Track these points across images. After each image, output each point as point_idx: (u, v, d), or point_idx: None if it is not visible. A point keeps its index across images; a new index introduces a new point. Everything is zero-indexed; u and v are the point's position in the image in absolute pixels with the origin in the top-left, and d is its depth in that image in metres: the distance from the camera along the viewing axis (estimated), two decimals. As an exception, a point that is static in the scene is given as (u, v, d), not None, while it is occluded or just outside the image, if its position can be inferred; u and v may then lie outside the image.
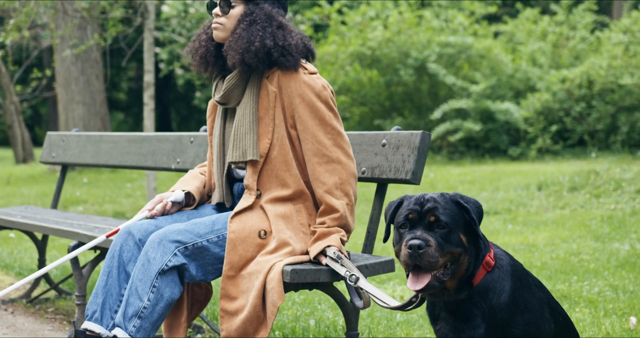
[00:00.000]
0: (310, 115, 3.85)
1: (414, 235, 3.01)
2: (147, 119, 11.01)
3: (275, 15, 3.96)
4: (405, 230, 3.08)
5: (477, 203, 3.14)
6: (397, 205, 3.20)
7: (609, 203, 9.93)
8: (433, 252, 2.98)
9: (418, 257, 2.98)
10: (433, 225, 3.04)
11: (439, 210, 3.04)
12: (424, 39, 18.88)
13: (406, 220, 3.08)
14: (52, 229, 5.26)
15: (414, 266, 3.02)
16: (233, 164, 3.97)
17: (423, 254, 2.97)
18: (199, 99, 35.67)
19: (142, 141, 5.71)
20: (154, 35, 10.90)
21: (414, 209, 3.07)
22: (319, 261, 3.75)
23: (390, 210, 3.23)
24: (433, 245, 2.98)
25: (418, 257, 2.98)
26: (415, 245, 2.97)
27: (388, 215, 3.24)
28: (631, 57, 17.24)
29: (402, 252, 3.03)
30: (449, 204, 3.07)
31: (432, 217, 3.04)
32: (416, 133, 3.99)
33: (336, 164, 3.84)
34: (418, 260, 2.98)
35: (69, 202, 12.35)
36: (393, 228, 3.21)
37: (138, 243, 3.89)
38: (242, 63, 3.88)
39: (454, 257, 3.04)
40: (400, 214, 3.13)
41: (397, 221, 3.15)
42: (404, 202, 3.17)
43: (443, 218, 3.03)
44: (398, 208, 3.18)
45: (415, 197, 3.13)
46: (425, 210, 3.06)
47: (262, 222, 3.83)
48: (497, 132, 18.06)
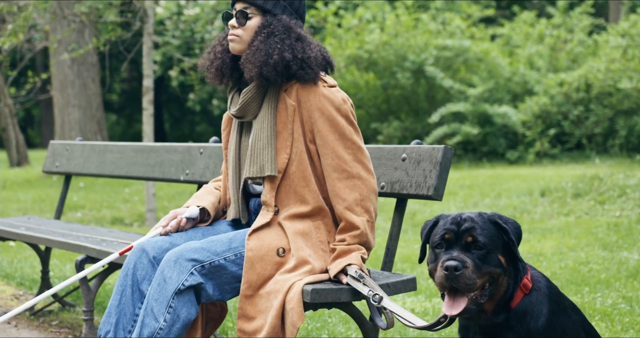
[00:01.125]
0: (330, 130, 3.74)
1: (450, 256, 2.91)
2: (146, 124, 10.89)
3: (294, 26, 3.85)
4: (441, 251, 2.98)
5: (515, 224, 3.05)
6: (432, 224, 3.11)
7: (614, 210, 9.84)
8: (470, 273, 2.88)
9: (454, 279, 2.88)
10: (470, 245, 2.94)
11: (476, 231, 2.95)
12: (421, 42, 18.78)
13: (442, 240, 2.99)
14: (59, 242, 5.15)
15: (450, 288, 2.93)
16: (250, 180, 3.87)
17: (460, 276, 2.87)
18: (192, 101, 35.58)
19: (149, 152, 5.60)
20: (152, 39, 10.78)
21: (450, 229, 2.98)
22: (339, 280, 3.65)
23: (425, 230, 3.14)
24: (470, 266, 2.89)
25: (454, 279, 2.88)
26: (452, 266, 2.88)
27: (423, 234, 3.15)
28: (629, 60, 17.18)
29: (438, 273, 2.93)
30: (487, 224, 2.98)
31: (470, 238, 2.94)
32: (438, 147, 3.89)
33: (356, 179, 3.74)
34: (454, 282, 2.89)
35: (67, 208, 12.22)
36: (428, 247, 3.11)
37: (152, 261, 3.78)
38: (260, 76, 3.77)
39: (492, 278, 2.94)
40: (436, 234, 3.04)
41: (432, 241, 3.05)
42: (439, 221, 3.08)
43: (481, 239, 2.94)
44: (434, 228, 3.09)
45: (452, 217, 3.03)
46: (463, 230, 2.96)
47: (281, 239, 3.72)
48: (494, 136, 17.98)
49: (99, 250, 4.81)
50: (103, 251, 4.77)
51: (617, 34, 18.18)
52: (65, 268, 7.61)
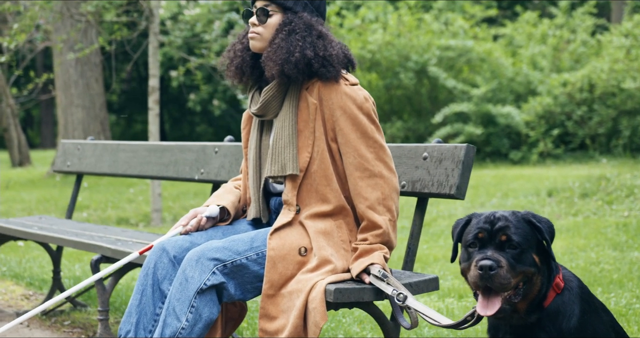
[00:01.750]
0: (352, 128, 3.72)
1: (484, 255, 2.89)
2: (151, 124, 10.87)
3: (315, 24, 3.83)
4: (475, 250, 2.95)
5: (549, 223, 3.02)
6: (464, 223, 3.08)
7: (622, 210, 9.82)
8: (505, 273, 2.85)
9: (489, 279, 2.85)
10: (504, 244, 2.92)
11: (510, 229, 2.92)
12: (424, 42, 18.76)
13: (475, 239, 2.96)
14: (74, 242, 5.12)
15: (484, 288, 2.90)
16: (271, 179, 3.84)
17: (494, 276, 2.85)
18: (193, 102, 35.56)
19: (162, 151, 5.58)
20: (158, 39, 10.75)
21: (484, 228, 2.95)
22: (362, 279, 3.63)
23: (457, 228, 3.11)
24: (505, 265, 2.86)
25: (489, 279, 2.85)
26: (487, 266, 2.85)
27: (455, 233, 3.12)
28: (633, 60, 17.16)
29: (472, 272, 2.91)
30: (521, 223, 2.95)
31: (504, 236, 2.92)
32: (460, 146, 3.86)
33: (378, 178, 3.71)
34: (489, 282, 2.86)
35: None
36: (460, 246, 3.09)
37: (173, 260, 3.76)
38: (281, 74, 3.74)
39: (526, 278, 2.92)
40: (468, 232, 3.01)
41: (465, 239, 3.02)
42: (472, 220, 3.05)
43: (515, 237, 2.91)
44: (466, 226, 3.06)
45: (485, 215, 3.01)
46: (496, 229, 2.94)
47: (302, 238, 3.70)
48: (498, 136, 17.96)
49: (114, 250, 4.78)
50: (119, 251, 4.74)
51: (620, 34, 18.16)
52: (75, 268, 7.59)
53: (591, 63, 17.91)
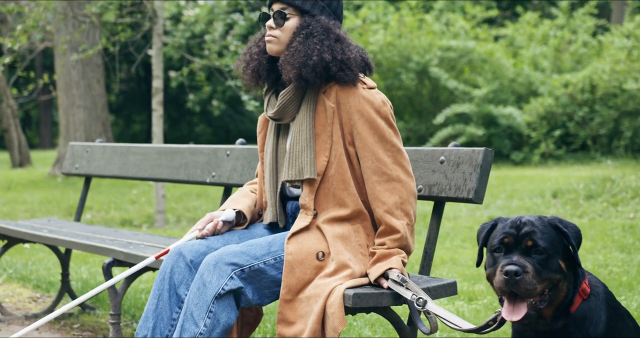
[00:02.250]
0: (369, 132, 3.70)
1: (510, 261, 2.87)
2: (155, 126, 10.84)
3: (333, 27, 3.80)
4: (500, 255, 2.93)
5: (575, 228, 3.00)
6: (490, 227, 3.06)
7: (627, 211, 9.81)
8: (530, 279, 2.83)
9: (515, 284, 2.83)
10: (530, 250, 2.90)
11: (536, 235, 2.90)
12: (425, 43, 18.77)
13: (501, 244, 2.94)
14: (85, 245, 5.09)
15: (509, 293, 2.88)
16: (288, 183, 3.83)
17: (520, 281, 2.83)
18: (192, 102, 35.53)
19: (173, 153, 5.55)
20: (162, 40, 10.73)
21: (509, 233, 2.93)
22: (380, 284, 3.61)
23: (482, 233, 3.09)
24: (530, 271, 2.84)
25: (515, 284, 2.83)
26: (512, 271, 2.83)
27: (480, 237, 3.10)
28: (634, 61, 17.17)
29: (497, 277, 2.89)
30: (548, 228, 2.93)
31: (530, 242, 2.90)
32: (478, 150, 3.84)
33: (396, 182, 3.69)
34: (514, 288, 2.84)
35: (74, 209, 12.15)
36: (486, 251, 3.07)
37: (189, 264, 3.73)
38: (299, 78, 3.72)
39: (552, 284, 2.90)
40: (494, 237, 2.99)
41: (490, 244, 3.00)
42: (498, 224, 3.03)
43: (541, 243, 2.89)
44: (491, 231, 3.04)
45: (511, 220, 2.99)
46: (522, 234, 2.92)
47: (320, 243, 3.68)
48: (499, 137, 17.98)
49: (127, 253, 4.76)
50: (131, 254, 4.72)
51: (621, 35, 18.17)
52: (81, 270, 7.56)
53: (592, 64, 17.92)
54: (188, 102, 35.85)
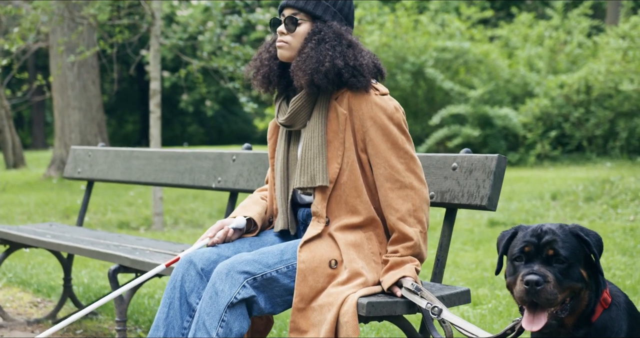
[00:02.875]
0: (382, 139, 3.67)
1: (530, 270, 2.84)
2: (153, 127, 10.79)
3: (345, 33, 3.77)
4: (521, 264, 2.91)
5: (597, 236, 2.98)
6: (510, 235, 3.03)
7: (627, 214, 9.79)
8: (552, 288, 2.81)
9: (535, 294, 2.81)
10: (551, 259, 2.87)
11: (558, 243, 2.88)
12: (420, 44, 18.74)
13: (522, 253, 2.92)
14: (90, 251, 5.05)
15: (530, 303, 2.85)
16: (300, 190, 3.79)
17: (541, 291, 2.80)
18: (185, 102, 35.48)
19: (178, 158, 5.51)
20: (160, 42, 10.68)
21: (530, 241, 2.91)
22: (393, 292, 3.57)
23: (503, 241, 3.06)
24: (552, 281, 2.81)
25: (535, 294, 2.81)
26: (533, 281, 2.80)
27: (501, 245, 3.07)
28: (629, 62, 17.17)
29: (518, 287, 2.86)
30: (569, 237, 2.91)
31: (551, 251, 2.87)
32: (491, 157, 3.82)
33: (409, 189, 3.66)
34: (535, 297, 2.81)
35: (71, 211, 12.10)
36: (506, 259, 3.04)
37: (200, 272, 3.70)
38: (310, 84, 3.69)
39: (573, 293, 2.87)
40: (514, 246, 2.96)
41: (511, 253, 2.98)
42: (518, 232, 3.01)
43: (563, 252, 2.87)
44: (512, 239, 3.01)
45: (532, 228, 2.96)
46: (543, 243, 2.89)
47: (333, 251, 3.64)
48: (495, 138, 17.97)
49: (132, 260, 4.72)
50: (137, 260, 4.68)
51: (617, 35, 18.17)
52: (82, 274, 7.52)
53: (588, 65, 17.92)
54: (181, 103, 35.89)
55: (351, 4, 3.90)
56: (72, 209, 12.24)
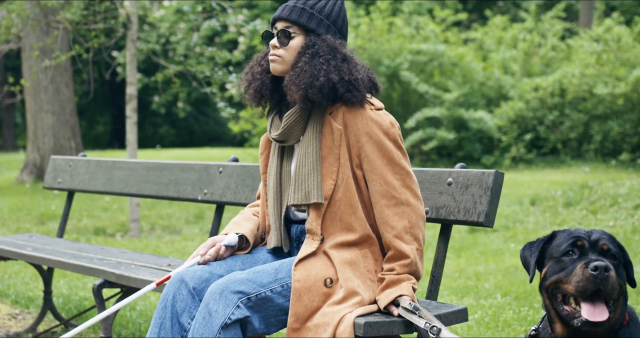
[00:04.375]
0: (378, 155, 3.60)
1: (596, 258, 2.81)
2: (129, 133, 10.67)
3: (339, 46, 3.70)
4: (574, 257, 2.89)
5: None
6: (547, 239, 3.04)
7: (607, 220, 9.80)
8: (616, 277, 2.79)
9: (604, 280, 2.77)
10: (606, 254, 2.86)
11: (607, 240, 2.87)
12: (395, 47, 18.70)
13: (574, 247, 2.90)
14: (74, 265, 4.95)
15: (593, 292, 2.81)
16: (294, 207, 3.71)
17: (609, 277, 2.76)
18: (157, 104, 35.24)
19: (162, 169, 5.42)
20: (136, 46, 10.57)
21: (581, 237, 2.89)
22: (390, 311, 3.51)
23: (539, 245, 3.03)
24: (613, 269, 2.79)
25: (604, 280, 2.77)
26: (602, 266, 2.77)
27: (535, 250, 3.03)
28: (603, 65, 17.22)
29: (580, 276, 2.82)
30: (612, 239, 2.93)
31: (605, 246, 2.86)
32: (488, 172, 3.76)
33: (405, 206, 3.59)
34: (603, 284, 2.78)
35: (46, 217, 11.95)
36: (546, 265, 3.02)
37: (192, 291, 3.61)
38: (305, 99, 3.61)
39: (618, 295, 2.85)
40: (560, 244, 2.96)
41: (557, 251, 2.97)
42: (557, 234, 3.02)
43: (613, 249, 2.86)
44: (548, 242, 3.01)
45: (574, 229, 2.98)
46: (595, 239, 2.89)
47: (328, 269, 3.57)
48: (470, 141, 17.97)
49: (118, 275, 4.63)
50: (123, 276, 4.59)
51: (590, 39, 18.22)
52: (60, 284, 7.39)
53: (562, 68, 17.96)
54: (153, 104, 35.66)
55: (345, 16, 3.82)
56: (47, 215, 12.09)
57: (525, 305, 6.29)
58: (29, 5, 10.46)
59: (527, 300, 6.47)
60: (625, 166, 15.54)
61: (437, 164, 18.13)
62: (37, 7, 10.32)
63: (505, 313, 6.03)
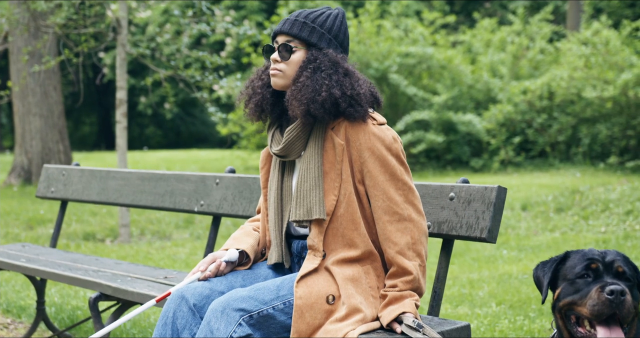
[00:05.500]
0: (380, 170, 3.56)
1: (611, 281, 2.78)
2: (119, 138, 10.61)
3: (341, 61, 3.66)
4: (587, 280, 2.86)
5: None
6: (560, 259, 3.01)
7: (598, 225, 9.79)
8: (632, 301, 2.76)
9: (620, 305, 2.75)
10: (621, 276, 2.83)
11: (621, 262, 2.85)
12: (384, 49, 18.68)
13: (588, 270, 2.87)
14: (69, 278, 4.90)
15: (608, 316, 2.79)
16: (295, 223, 3.68)
17: (624, 301, 2.74)
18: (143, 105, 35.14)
19: (157, 180, 5.37)
20: (127, 50, 10.51)
21: (595, 259, 2.87)
22: (392, 328, 3.48)
23: (552, 265, 3.00)
24: (629, 293, 2.77)
25: (620, 305, 2.75)
26: (618, 290, 2.74)
27: (548, 270, 3.00)
28: (591, 68, 17.24)
29: (593, 300, 2.79)
30: (626, 259, 2.92)
31: (620, 268, 2.83)
32: (491, 187, 3.73)
33: (408, 222, 3.56)
34: (619, 308, 2.76)
35: (35, 222, 11.88)
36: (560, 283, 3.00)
37: (192, 308, 3.57)
38: (307, 114, 3.57)
39: (633, 317, 2.83)
40: (574, 266, 2.93)
41: (571, 273, 2.94)
42: (571, 255, 2.99)
43: (627, 270, 2.85)
44: (562, 263, 2.98)
45: (588, 250, 2.95)
46: (609, 260, 2.87)
47: (330, 286, 3.54)
48: (458, 144, 17.97)
49: (114, 288, 4.58)
50: (120, 289, 4.55)
51: (578, 42, 18.24)
52: (52, 293, 7.33)
53: (551, 71, 17.98)
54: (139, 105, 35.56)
55: (346, 30, 3.79)
56: (36, 220, 12.01)
57: (521, 314, 6.28)
58: (18, 9, 10.40)
59: (522, 309, 6.46)
60: (613, 169, 15.56)
61: (426, 167, 18.13)
62: (26, 11, 10.25)
63: (501, 323, 6.01)
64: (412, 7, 28.63)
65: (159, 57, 11.12)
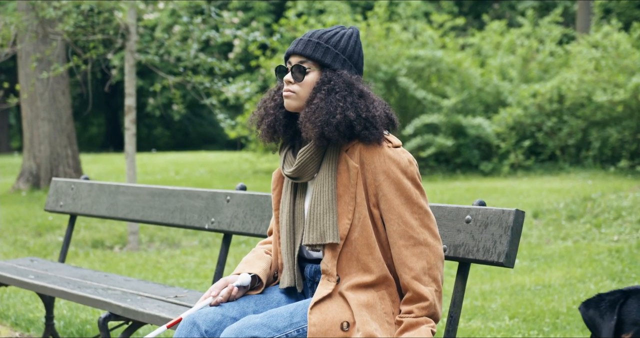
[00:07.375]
0: (396, 194, 3.49)
1: None
2: (128, 145, 10.55)
3: (355, 82, 3.59)
4: None
5: None
6: (624, 300, 2.99)
7: (611, 234, 9.71)
8: None
9: None
10: None
11: None
12: (393, 52, 18.59)
13: None
14: (79, 296, 4.84)
15: None
16: (308, 246, 3.61)
17: None
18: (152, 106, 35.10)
19: (167, 196, 5.31)
20: (135, 57, 10.45)
21: None
22: (408, 355, 3.41)
23: (612, 306, 2.96)
24: None
25: None
26: None
27: (611, 312, 2.97)
28: (602, 72, 17.15)
29: None
30: None
31: None
32: (508, 211, 3.65)
33: (423, 246, 3.49)
34: None
35: (43, 229, 11.83)
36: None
37: (204, 335, 3.51)
38: (321, 136, 3.50)
39: None
40: None
41: None
42: (632, 295, 2.98)
43: None
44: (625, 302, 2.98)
45: None
46: None
47: (344, 312, 3.47)
48: (468, 147, 17.89)
49: (124, 308, 4.52)
50: (130, 309, 4.49)
51: (588, 44, 18.14)
52: (60, 305, 7.27)
53: (561, 74, 17.88)
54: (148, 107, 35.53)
55: (360, 50, 3.72)
56: (45, 226, 11.96)
57: (535, 328, 6.20)
58: (26, 16, 10.35)
59: (535, 322, 6.38)
60: (624, 173, 15.47)
61: (436, 171, 18.06)
62: (35, 18, 10.20)
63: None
64: (421, 8, 28.54)
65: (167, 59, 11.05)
